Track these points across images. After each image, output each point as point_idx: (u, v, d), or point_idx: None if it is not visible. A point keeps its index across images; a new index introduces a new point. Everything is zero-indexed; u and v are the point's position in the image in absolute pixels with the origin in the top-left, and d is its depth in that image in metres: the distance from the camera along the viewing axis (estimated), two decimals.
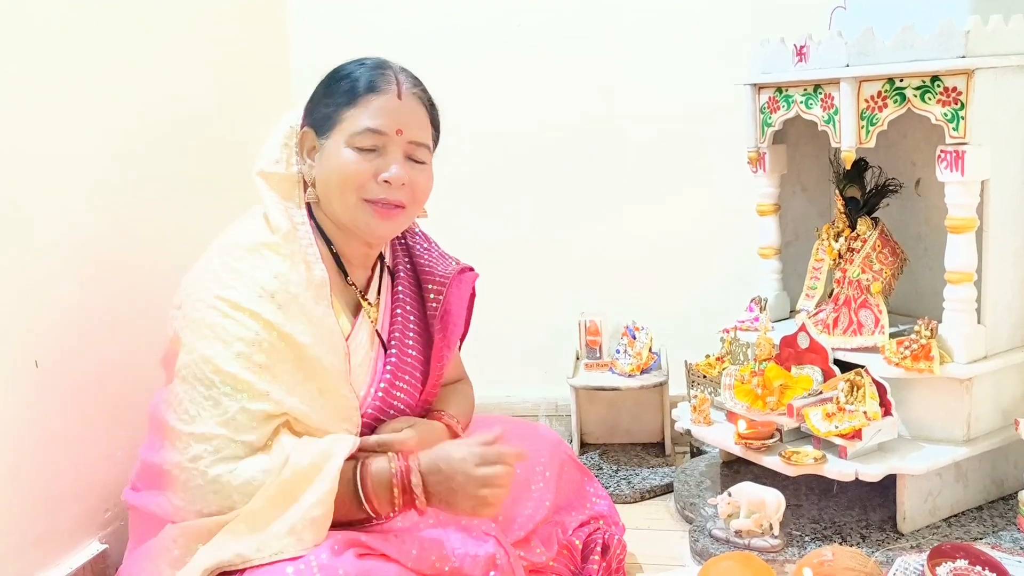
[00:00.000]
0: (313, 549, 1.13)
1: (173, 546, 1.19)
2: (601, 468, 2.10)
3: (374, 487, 1.22)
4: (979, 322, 1.62)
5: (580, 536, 1.51)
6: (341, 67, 1.36)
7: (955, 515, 1.67)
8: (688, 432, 1.84)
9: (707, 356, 1.94)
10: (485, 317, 2.34)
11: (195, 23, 1.89)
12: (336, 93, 1.33)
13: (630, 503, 1.95)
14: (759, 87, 1.84)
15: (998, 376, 1.64)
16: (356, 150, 1.30)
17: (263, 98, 2.16)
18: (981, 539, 1.58)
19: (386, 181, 1.30)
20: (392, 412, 1.39)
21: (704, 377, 1.90)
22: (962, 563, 1.33)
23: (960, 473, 1.67)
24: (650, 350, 2.14)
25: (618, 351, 2.15)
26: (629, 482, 2.02)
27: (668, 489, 1.99)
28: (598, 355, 2.19)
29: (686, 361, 1.96)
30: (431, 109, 1.40)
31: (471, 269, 1.56)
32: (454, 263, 1.53)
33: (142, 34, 1.70)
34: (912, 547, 1.57)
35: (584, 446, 2.22)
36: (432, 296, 1.47)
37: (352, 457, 1.24)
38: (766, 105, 1.83)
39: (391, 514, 1.24)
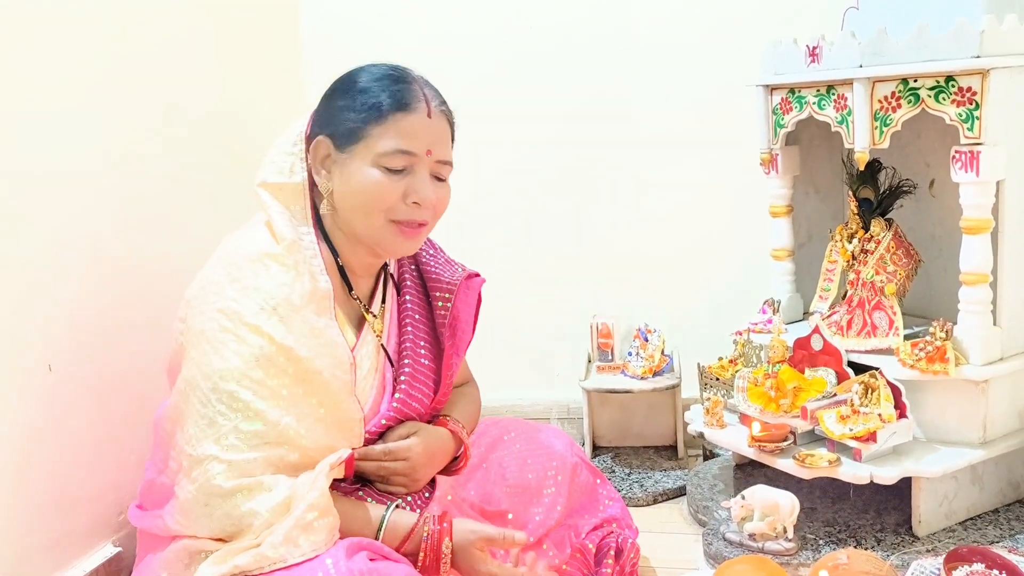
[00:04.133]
0: (323, 552, 1.13)
1: (177, 559, 1.19)
2: (613, 471, 2.09)
3: (394, 539, 1.25)
4: (995, 324, 1.60)
5: (593, 540, 1.51)
6: (358, 76, 1.31)
7: (971, 518, 1.66)
8: (701, 435, 1.83)
9: (720, 358, 1.93)
10: (497, 320, 2.35)
11: (208, 28, 1.89)
12: (360, 107, 1.27)
13: (643, 506, 1.94)
14: (772, 88, 1.84)
15: (1014, 378, 1.63)
16: (384, 170, 1.26)
17: (276, 104, 2.16)
18: (997, 542, 1.57)
19: (415, 203, 1.28)
20: (406, 420, 1.39)
21: (717, 379, 1.89)
22: (978, 567, 1.32)
23: (976, 476, 1.65)
24: (662, 352, 2.13)
25: (630, 353, 2.14)
26: (641, 485, 2.01)
27: (681, 492, 1.98)
28: (610, 358, 2.18)
29: (699, 363, 1.95)
30: (452, 125, 1.37)
31: (477, 275, 1.54)
32: (460, 269, 1.51)
33: (157, 38, 1.71)
34: (928, 551, 1.56)
35: (596, 449, 2.22)
36: (440, 304, 1.45)
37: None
38: (779, 106, 1.83)
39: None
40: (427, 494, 1.40)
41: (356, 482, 1.36)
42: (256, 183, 1.31)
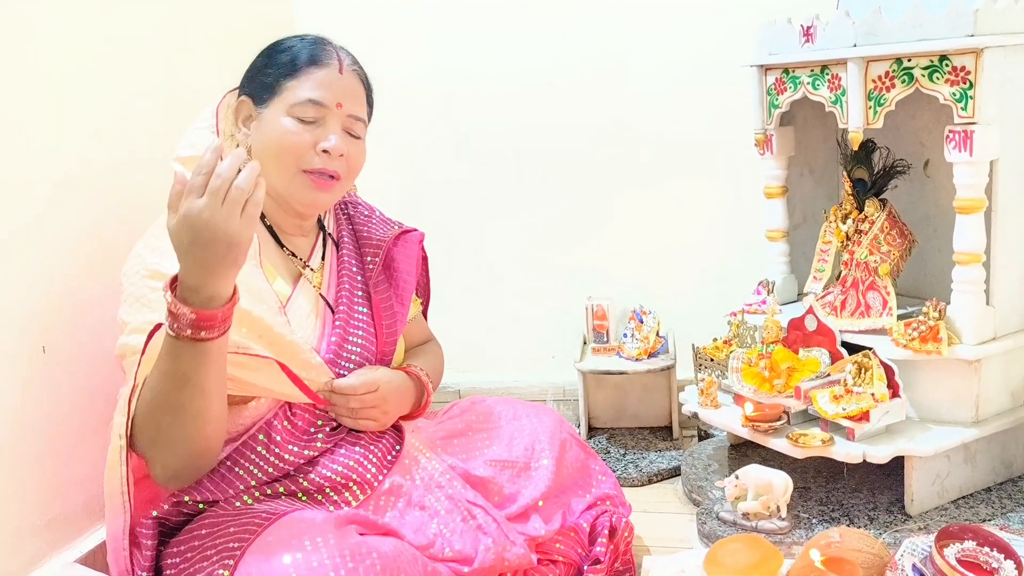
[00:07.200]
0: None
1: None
2: (609, 452, 2.10)
3: None
4: (988, 303, 1.61)
5: (587, 519, 1.52)
6: (281, 40, 1.40)
7: (963, 497, 1.67)
8: (695, 415, 1.83)
9: (714, 339, 1.94)
10: (493, 303, 2.37)
11: (202, 18, 1.88)
12: (277, 64, 1.36)
13: (638, 486, 1.95)
14: (766, 68, 1.83)
15: (1007, 357, 1.64)
16: (296, 120, 1.32)
17: None
18: (989, 520, 1.58)
19: (325, 151, 1.33)
20: (348, 364, 1.41)
21: (711, 360, 1.90)
22: (970, 544, 1.32)
23: (968, 455, 1.66)
24: (657, 334, 2.14)
25: (625, 335, 2.15)
26: (637, 466, 2.02)
27: (676, 472, 1.99)
28: (605, 339, 2.18)
29: (693, 344, 1.95)
30: (367, 86, 1.43)
31: (414, 230, 1.60)
32: (396, 227, 1.57)
33: (154, 26, 1.70)
34: (920, 529, 1.57)
35: (592, 430, 2.23)
36: (369, 260, 1.51)
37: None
38: (773, 87, 1.82)
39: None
40: (398, 447, 1.43)
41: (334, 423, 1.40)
42: (172, 160, 1.35)
